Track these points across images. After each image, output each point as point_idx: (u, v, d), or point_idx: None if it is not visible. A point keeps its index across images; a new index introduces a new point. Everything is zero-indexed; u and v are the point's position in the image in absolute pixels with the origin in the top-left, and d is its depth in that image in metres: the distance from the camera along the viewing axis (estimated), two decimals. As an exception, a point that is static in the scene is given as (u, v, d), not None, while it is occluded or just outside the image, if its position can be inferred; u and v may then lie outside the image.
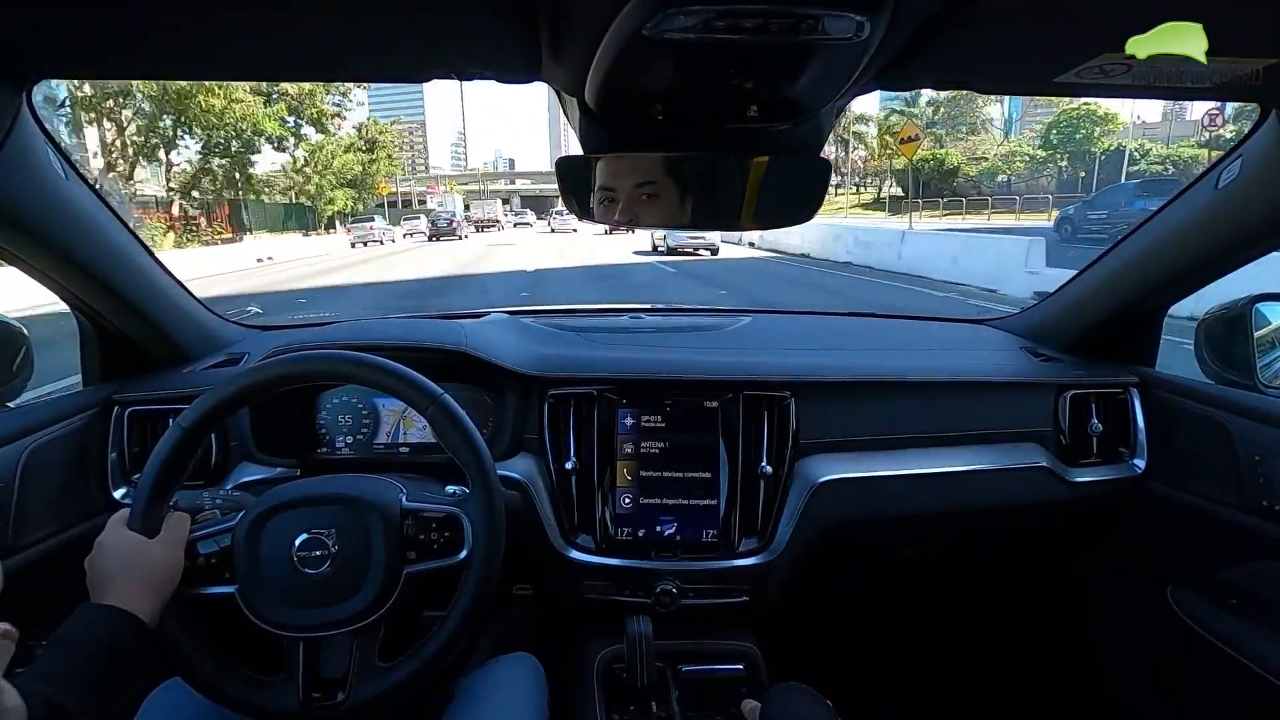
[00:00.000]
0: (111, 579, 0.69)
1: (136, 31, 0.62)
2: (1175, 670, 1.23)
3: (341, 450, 1.15)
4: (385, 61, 0.70)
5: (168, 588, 0.72)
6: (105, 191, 1.03)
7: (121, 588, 0.69)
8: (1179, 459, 1.18)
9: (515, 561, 0.84)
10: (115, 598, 0.67)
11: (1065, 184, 37.42)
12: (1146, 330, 1.30)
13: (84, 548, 1.06)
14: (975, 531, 1.42)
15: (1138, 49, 0.53)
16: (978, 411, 1.22)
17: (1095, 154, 36.41)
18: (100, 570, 0.70)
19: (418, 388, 0.79)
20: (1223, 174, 0.97)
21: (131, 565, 0.70)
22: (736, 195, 0.83)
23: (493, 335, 1.22)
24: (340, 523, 0.76)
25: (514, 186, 74.58)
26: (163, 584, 0.72)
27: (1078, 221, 17.77)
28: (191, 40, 0.64)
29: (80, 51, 0.67)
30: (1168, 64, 0.59)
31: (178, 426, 0.76)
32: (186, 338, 1.27)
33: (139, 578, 0.70)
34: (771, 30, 0.53)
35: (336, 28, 0.61)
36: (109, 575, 0.70)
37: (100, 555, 0.72)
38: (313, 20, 0.59)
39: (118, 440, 1.14)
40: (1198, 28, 0.51)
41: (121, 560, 0.71)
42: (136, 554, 0.71)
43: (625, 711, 0.98)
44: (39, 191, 0.87)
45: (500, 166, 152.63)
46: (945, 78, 0.70)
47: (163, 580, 0.72)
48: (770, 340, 1.40)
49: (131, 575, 0.70)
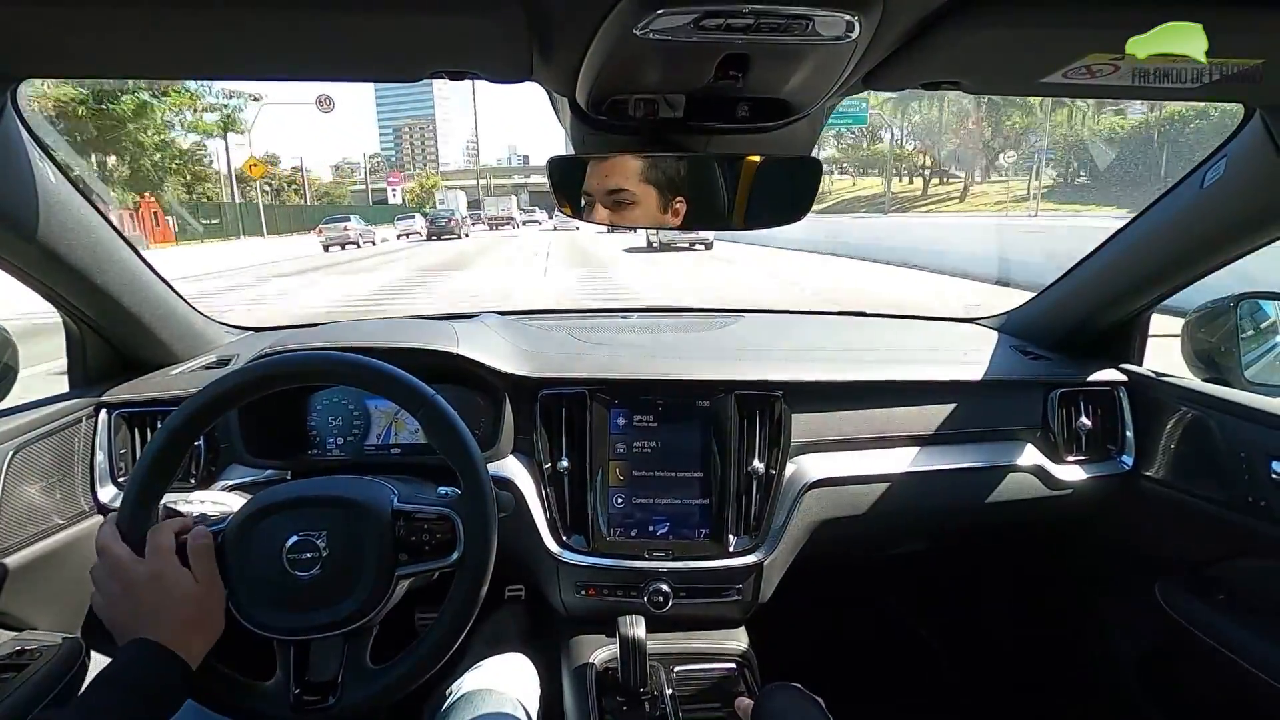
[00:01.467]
0: (154, 612, 0.67)
1: (123, 30, 0.61)
2: (1164, 667, 1.25)
3: (332, 452, 1.15)
4: (375, 62, 0.70)
5: (214, 629, 0.71)
6: (94, 194, 1.02)
7: (167, 624, 0.67)
8: (1166, 456, 1.19)
9: (507, 562, 0.84)
10: (164, 634, 0.66)
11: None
12: (1134, 328, 1.31)
13: (71, 550, 1.06)
14: (966, 529, 1.43)
15: (1125, 50, 0.54)
16: (967, 410, 1.23)
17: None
18: (137, 597, 0.68)
19: (410, 389, 0.79)
20: (1208, 174, 0.98)
21: (180, 602, 0.68)
22: (728, 196, 0.84)
23: (484, 336, 1.22)
24: (331, 524, 0.75)
25: (523, 181, 73.58)
26: (209, 625, 0.71)
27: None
28: (178, 40, 0.64)
29: (67, 51, 0.67)
30: (1154, 65, 0.60)
31: (167, 427, 0.75)
32: (175, 339, 1.26)
33: (187, 618, 0.68)
34: (762, 31, 0.53)
35: (323, 27, 0.60)
36: (150, 608, 0.67)
37: (130, 579, 0.68)
38: (299, 20, 0.58)
39: (105, 442, 1.13)
40: (1184, 28, 0.51)
41: (167, 594, 0.68)
42: (175, 586, 0.69)
43: (619, 711, 0.98)
44: (25, 192, 0.86)
45: (514, 163, 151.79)
46: (934, 78, 0.70)
47: (212, 622, 0.71)
48: (761, 340, 1.40)
49: (179, 614, 0.68)
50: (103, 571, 0.70)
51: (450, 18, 0.57)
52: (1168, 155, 27.04)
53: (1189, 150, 25.43)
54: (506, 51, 0.64)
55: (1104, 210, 23.99)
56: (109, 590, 0.69)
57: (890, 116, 45.36)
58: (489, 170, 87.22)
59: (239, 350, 1.34)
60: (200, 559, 0.71)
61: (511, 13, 0.56)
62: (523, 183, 70.79)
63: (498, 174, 79.29)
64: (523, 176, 76.90)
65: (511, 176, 77.79)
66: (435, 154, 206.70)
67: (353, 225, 26.43)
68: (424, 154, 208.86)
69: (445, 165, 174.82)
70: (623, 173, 0.82)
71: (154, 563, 0.70)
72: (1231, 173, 0.94)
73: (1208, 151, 0.98)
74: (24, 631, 0.97)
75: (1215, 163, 0.96)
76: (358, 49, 0.66)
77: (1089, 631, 1.42)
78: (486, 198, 48.07)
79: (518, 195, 62.66)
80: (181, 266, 12.86)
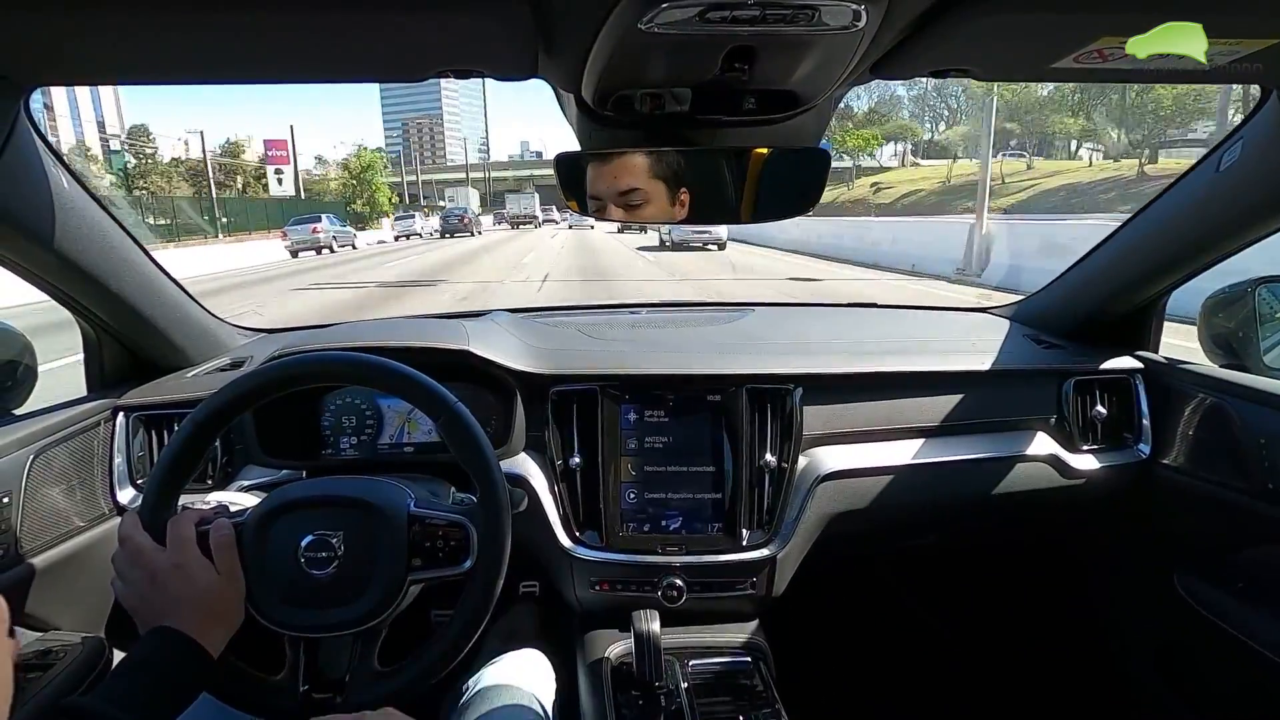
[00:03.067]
0: (176, 602, 0.68)
1: (134, 36, 0.62)
2: (1183, 657, 1.24)
3: (346, 451, 1.16)
4: (379, 63, 0.70)
5: (234, 620, 0.72)
6: (108, 199, 1.03)
7: (189, 614, 0.68)
8: (1184, 444, 1.18)
9: (522, 558, 0.84)
10: (186, 624, 0.67)
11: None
12: (1150, 315, 1.29)
13: (92, 552, 1.07)
14: (981, 521, 1.42)
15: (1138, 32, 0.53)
16: (981, 400, 1.22)
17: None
18: (160, 585, 0.69)
19: (433, 395, 0.79)
20: (1224, 157, 0.96)
21: (202, 593, 0.69)
22: (735, 189, 0.83)
23: (494, 334, 1.22)
24: (348, 525, 0.76)
25: (531, 173, 72.27)
26: (230, 616, 0.72)
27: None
28: (187, 44, 0.64)
29: (78, 57, 0.67)
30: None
31: (191, 419, 0.76)
32: (190, 342, 1.27)
33: (208, 609, 0.69)
34: (768, 22, 0.53)
35: (327, 30, 0.60)
36: (172, 597, 0.68)
37: (152, 568, 0.69)
38: (306, 22, 0.59)
39: (124, 445, 1.14)
40: (1198, 8, 0.51)
41: (189, 585, 0.69)
42: (197, 577, 0.70)
43: (634, 706, 0.98)
44: (40, 198, 0.87)
45: (527, 159, 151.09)
46: (943, 65, 0.70)
47: (232, 613, 0.72)
48: (773, 334, 1.40)
49: (200, 605, 0.69)
50: (125, 561, 0.71)
51: (454, 16, 0.57)
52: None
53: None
54: (511, 49, 0.64)
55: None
56: (132, 578, 0.70)
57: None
58: (498, 164, 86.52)
59: (253, 352, 1.35)
60: (222, 552, 0.72)
61: (516, 10, 0.55)
62: (528, 174, 69.78)
63: (497, 167, 78.19)
64: (530, 170, 75.72)
65: (522, 170, 76.91)
66: (444, 150, 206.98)
67: (323, 227, 22.90)
68: (433, 150, 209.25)
69: (454, 160, 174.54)
70: (632, 172, 0.82)
71: (175, 554, 0.70)
72: (1248, 155, 0.93)
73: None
74: (48, 632, 0.99)
75: (1231, 145, 0.95)
76: (362, 50, 0.66)
77: (1106, 622, 1.40)
78: (509, 194, 45.72)
79: (522, 188, 61.63)
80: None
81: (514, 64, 0.68)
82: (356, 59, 0.69)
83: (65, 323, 1.13)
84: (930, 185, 41.80)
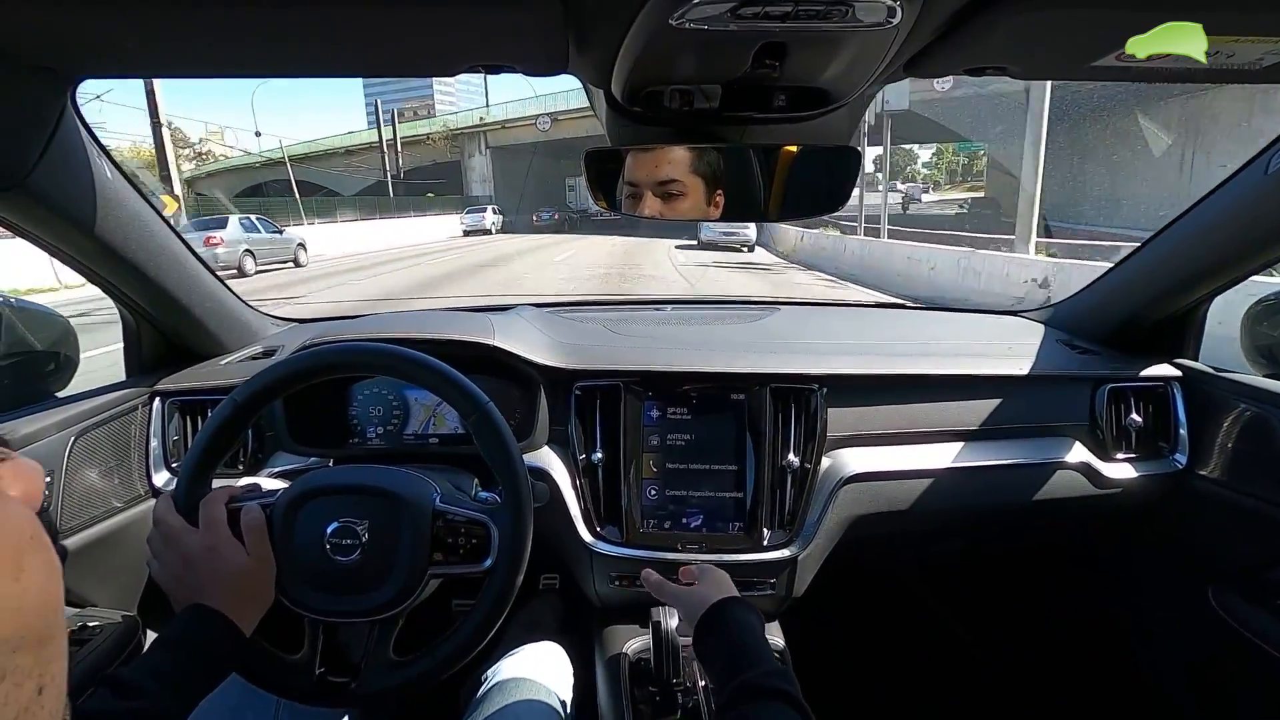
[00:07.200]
0: (210, 582, 0.70)
1: (179, 30, 0.63)
2: (1217, 675, 1.20)
3: (373, 441, 1.17)
4: (413, 56, 0.71)
5: (266, 600, 0.74)
6: (148, 190, 1.06)
7: (222, 594, 0.69)
8: (1223, 455, 1.14)
9: (543, 552, 0.85)
10: (219, 603, 0.68)
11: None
12: (1190, 321, 1.25)
13: (128, 532, 1.10)
14: (1008, 528, 1.39)
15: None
16: (1011, 405, 1.20)
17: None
18: (193, 567, 0.70)
19: (466, 393, 0.80)
20: (1273, 159, 0.93)
21: (234, 574, 0.71)
22: (763, 186, 0.82)
23: (519, 328, 1.23)
24: (374, 514, 0.77)
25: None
26: (261, 595, 0.73)
27: None
28: (227, 39, 0.65)
29: (124, 49, 0.69)
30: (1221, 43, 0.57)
31: (231, 400, 0.77)
32: (224, 330, 1.31)
33: (241, 589, 0.71)
34: (800, 18, 0.52)
35: (360, 24, 0.61)
36: (205, 578, 0.70)
37: (186, 549, 0.71)
38: (344, 18, 0.60)
39: (160, 429, 1.18)
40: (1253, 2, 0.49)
41: (222, 566, 0.71)
42: (229, 559, 0.71)
43: (651, 702, 0.98)
44: (86, 189, 0.90)
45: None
46: (979, 63, 0.68)
47: (263, 593, 0.74)
48: (799, 333, 1.39)
49: (233, 585, 0.71)
50: (159, 541, 0.72)
51: (487, 12, 0.58)
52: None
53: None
54: (542, 44, 0.64)
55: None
56: (166, 558, 0.72)
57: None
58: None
59: (284, 341, 1.38)
60: (253, 534, 0.74)
61: (548, 5, 0.56)
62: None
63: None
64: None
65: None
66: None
67: (226, 234, 15.11)
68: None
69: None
70: (673, 164, 0.81)
71: (208, 536, 0.72)
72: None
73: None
74: (85, 608, 1.02)
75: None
76: (395, 45, 0.67)
77: (1137, 637, 1.37)
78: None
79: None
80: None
81: (545, 60, 0.68)
82: (390, 54, 0.70)
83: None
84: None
